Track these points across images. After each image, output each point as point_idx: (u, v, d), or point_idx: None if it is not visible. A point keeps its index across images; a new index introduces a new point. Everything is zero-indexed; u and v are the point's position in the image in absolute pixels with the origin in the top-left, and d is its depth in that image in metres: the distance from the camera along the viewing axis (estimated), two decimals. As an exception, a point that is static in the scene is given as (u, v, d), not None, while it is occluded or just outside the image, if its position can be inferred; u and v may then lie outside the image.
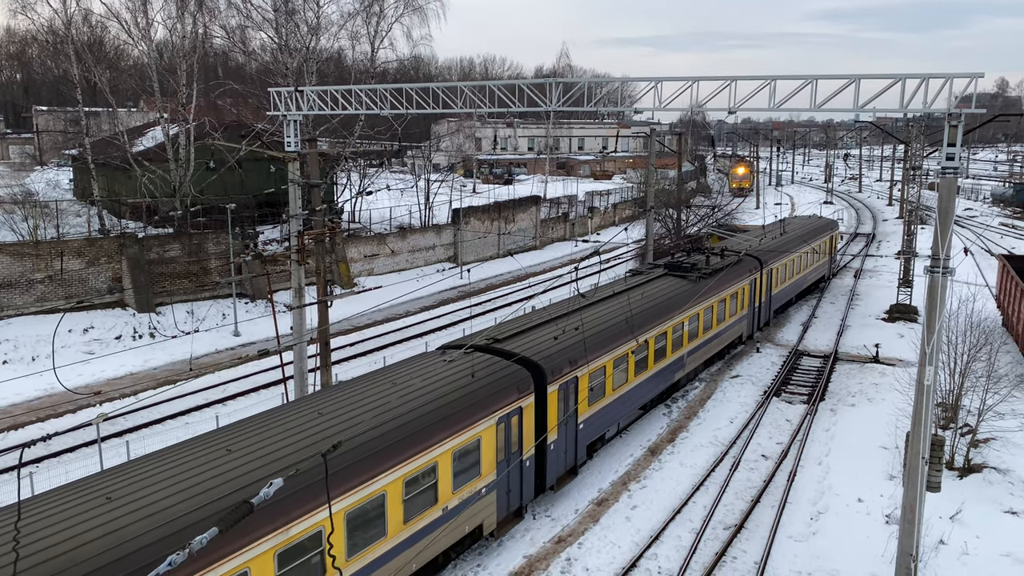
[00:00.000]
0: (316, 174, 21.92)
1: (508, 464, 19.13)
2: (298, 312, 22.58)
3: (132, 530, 11.33)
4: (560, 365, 20.87)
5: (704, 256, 34.78)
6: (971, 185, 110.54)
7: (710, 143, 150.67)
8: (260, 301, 42.54)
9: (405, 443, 15.63)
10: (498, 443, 18.57)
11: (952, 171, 14.63)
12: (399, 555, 15.73)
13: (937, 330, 15.05)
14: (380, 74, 55.04)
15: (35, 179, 60.12)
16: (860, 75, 15.82)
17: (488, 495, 18.55)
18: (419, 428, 16.14)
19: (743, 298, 34.95)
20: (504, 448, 18.85)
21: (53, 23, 47.86)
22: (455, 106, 21.02)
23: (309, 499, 13.33)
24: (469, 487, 17.75)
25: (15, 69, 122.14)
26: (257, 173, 48.07)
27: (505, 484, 19.23)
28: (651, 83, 18.34)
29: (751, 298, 36.05)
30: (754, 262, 36.30)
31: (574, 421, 21.95)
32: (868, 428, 26.31)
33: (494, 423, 18.27)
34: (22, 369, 31.35)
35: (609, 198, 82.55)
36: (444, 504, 16.98)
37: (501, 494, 19.17)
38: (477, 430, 17.70)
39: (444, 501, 16.96)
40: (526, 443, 19.71)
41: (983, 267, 51.42)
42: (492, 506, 18.81)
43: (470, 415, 17.51)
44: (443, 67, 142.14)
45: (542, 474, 20.94)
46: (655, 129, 47.03)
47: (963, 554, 18.57)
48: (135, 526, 11.40)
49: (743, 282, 34.62)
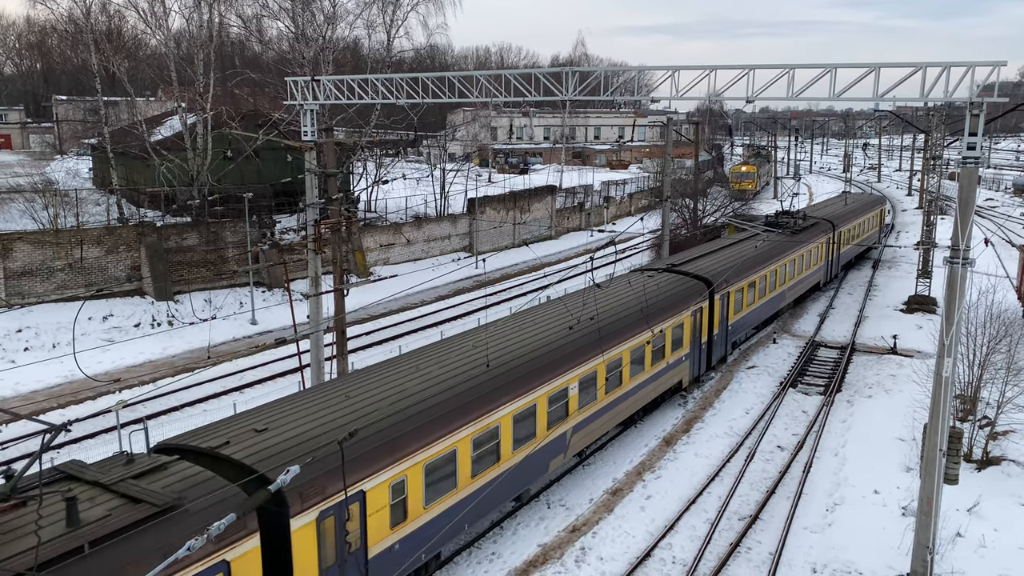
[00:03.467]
0: (333, 163, 21.98)
1: (696, 344, 28.60)
2: (315, 301, 22.72)
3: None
4: (722, 282, 30.06)
5: (793, 219, 43.08)
6: (992, 175, 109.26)
7: (728, 133, 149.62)
8: (277, 290, 42.79)
9: (651, 319, 24.74)
10: (693, 328, 28.05)
11: (973, 161, 14.48)
12: (647, 386, 25.43)
13: (956, 321, 14.93)
14: (396, 63, 55.09)
15: (55, 168, 60.68)
16: (880, 64, 15.65)
17: (686, 361, 28.11)
18: (657, 310, 25.29)
19: (820, 252, 43.05)
20: (694, 332, 28.23)
21: (72, 13, 48.28)
22: (471, 95, 21.00)
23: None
24: (678, 353, 27.29)
25: (35, 59, 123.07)
26: (274, 162, 48.28)
27: (695, 356, 28.70)
28: (668, 72, 18.24)
29: (826, 252, 44.14)
30: (828, 225, 44.65)
31: (725, 323, 31.25)
32: (885, 420, 26.15)
33: (691, 314, 27.77)
34: (43, 356, 31.74)
35: (625, 188, 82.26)
36: (668, 360, 26.52)
37: (692, 362, 28.65)
38: (683, 316, 27.09)
39: (667, 358, 26.45)
40: (703, 332, 29.14)
41: (1004, 258, 50.82)
42: (687, 369, 28.34)
43: (681, 305, 26.98)
44: (459, 56, 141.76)
45: (709, 356, 30.21)
46: (672, 118, 46.68)
47: (980, 547, 18.46)
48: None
49: (820, 239, 42.75)
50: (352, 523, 14.18)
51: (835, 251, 45.72)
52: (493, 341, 20.40)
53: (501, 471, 18.20)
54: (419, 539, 15.88)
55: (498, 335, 21.11)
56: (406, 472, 15.33)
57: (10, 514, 10.69)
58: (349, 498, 13.96)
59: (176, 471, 12.31)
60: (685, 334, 27.47)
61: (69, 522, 10.55)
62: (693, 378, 29.28)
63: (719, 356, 31.54)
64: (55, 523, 10.57)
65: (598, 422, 22.65)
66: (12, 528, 10.35)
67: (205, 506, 11.47)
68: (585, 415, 21.71)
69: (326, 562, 13.68)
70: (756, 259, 34.08)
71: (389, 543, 15.15)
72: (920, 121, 70.74)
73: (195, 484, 11.97)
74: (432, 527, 16.22)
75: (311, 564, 13.34)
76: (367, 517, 14.51)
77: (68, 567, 9.96)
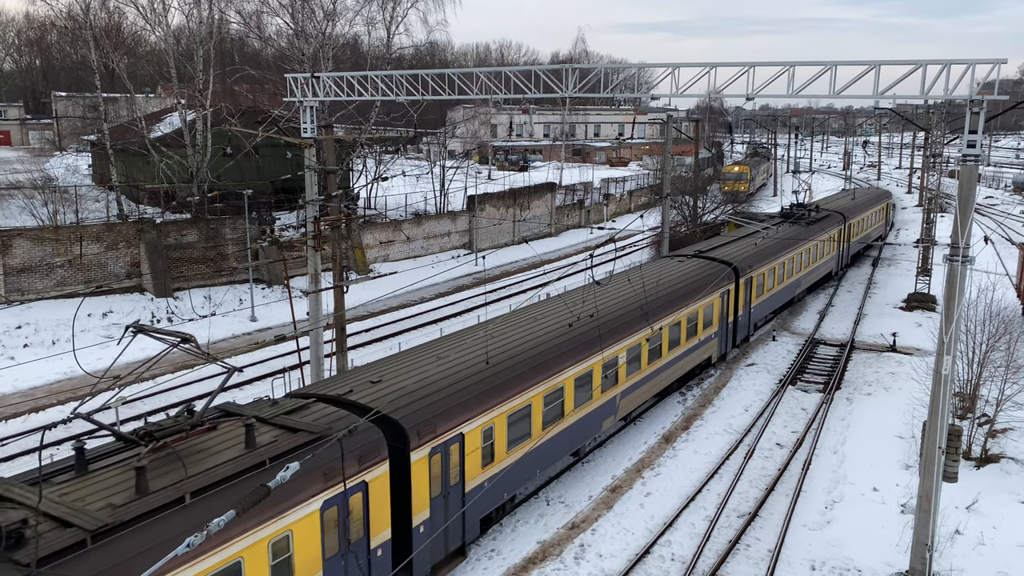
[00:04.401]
0: (332, 160, 21.97)
1: (724, 323, 31.17)
2: (314, 297, 22.72)
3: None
4: (747, 267, 32.74)
5: (807, 211, 44.99)
6: (992, 173, 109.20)
7: (728, 130, 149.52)
8: (277, 286, 42.79)
9: (686, 299, 27.34)
10: (722, 308, 30.83)
11: (973, 158, 14.48)
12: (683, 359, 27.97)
13: (956, 319, 14.94)
14: (396, 60, 54.99)
15: (54, 164, 60.64)
16: (880, 61, 15.64)
17: (715, 339, 30.71)
18: (691, 291, 27.81)
19: (833, 243, 44.87)
20: (723, 312, 30.86)
21: (71, 9, 48.19)
22: (471, 92, 20.99)
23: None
24: (708, 331, 29.89)
25: (35, 55, 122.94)
26: (274, 159, 48.25)
27: (723, 334, 31.39)
28: (668, 69, 18.22)
29: (838, 243, 46.06)
30: (840, 217, 46.76)
31: (748, 305, 33.48)
32: (884, 417, 26.18)
33: (719, 295, 30.19)
34: (43, 353, 31.74)
35: (625, 185, 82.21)
36: (700, 337, 29.01)
37: (720, 340, 31.29)
38: (713, 297, 29.66)
39: (699, 335, 28.99)
40: (730, 313, 31.68)
41: (1003, 256, 50.83)
42: (715, 346, 30.98)
43: (711, 288, 29.18)
44: (459, 53, 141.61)
45: (734, 334, 32.56)
46: (672, 115, 46.75)
47: (979, 544, 18.49)
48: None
49: (833, 231, 44.66)
50: (454, 460, 16.89)
51: (846, 242, 47.83)
52: (559, 313, 23.19)
53: (564, 426, 20.84)
54: (503, 479, 18.59)
55: (562, 309, 23.69)
56: (494, 420, 18.03)
57: (202, 437, 13.46)
58: (451, 439, 16.66)
59: (317, 410, 15.07)
60: (715, 314, 30.22)
61: (247, 444, 13.24)
62: (720, 355, 31.77)
63: (743, 336, 33.87)
64: (236, 445, 13.25)
65: (642, 389, 25.35)
66: (205, 448, 13.11)
67: (349, 434, 13.89)
68: (631, 382, 24.38)
69: (434, 492, 16.38)
70: (775, 247, 36.50)
71: (481, 480, 17.85)
72: (920, 119, 70.77)
73: (336, 419, 14.63)
74: (512, 470, 18.90)
75: (424, 491, 16.09)
76: (465, 456, 17.19)
77: (253, 479, 12.44)
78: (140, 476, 11.67)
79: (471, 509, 17.69)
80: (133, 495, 11.48)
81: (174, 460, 12.48)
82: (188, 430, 13.38)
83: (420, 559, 16.33)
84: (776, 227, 39.85)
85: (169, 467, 12.30)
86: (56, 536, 10.26)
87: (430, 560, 16.76)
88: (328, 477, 13.59)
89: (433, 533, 16.58)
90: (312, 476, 13.28)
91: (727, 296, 31.11)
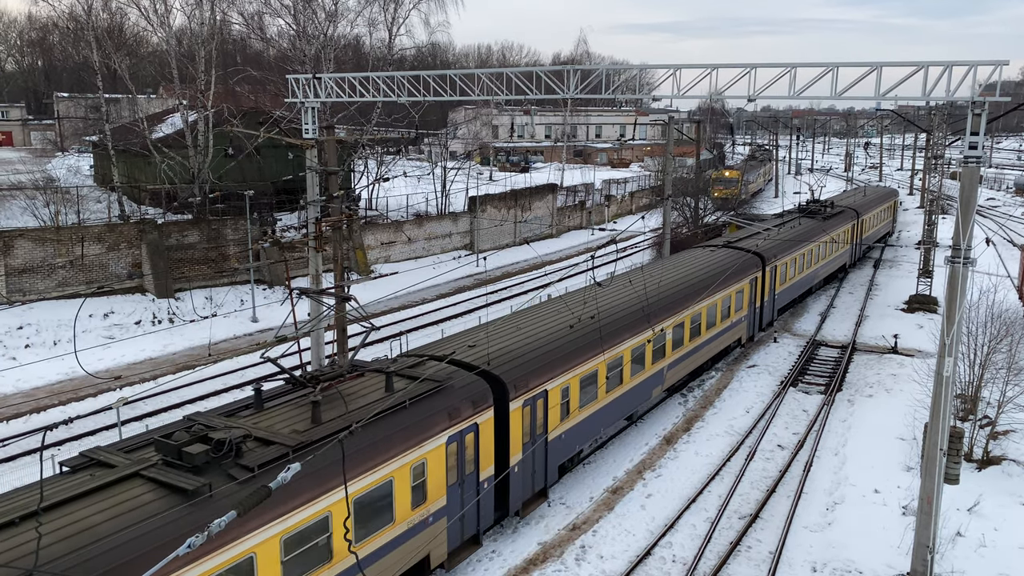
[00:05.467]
0: (334, 161, 21.96)
1: (752, 307, 33.92)
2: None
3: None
4: (772, 257, 35.29)
5: (823, 207, 47.15)
6: (994, 174, 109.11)
7: (729, 131, 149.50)
8: (278, 287, 42.80)
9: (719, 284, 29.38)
10: (751, 294, 33.15)
11: (975, 160, 14.46)
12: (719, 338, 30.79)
13: (957, 321, 14.92)
14: (397, 61, 55.07)
15: (56, 165, 60.69)
16: (882, 63, 15.63)
17: (744, 322, 33.37)
18: (724, 277, 30.00)
19: (847, 236, 47.14)
20: (751, 297, 33.55)
21: (73, 10, 48.28)
22: (472, 93, 20.99)
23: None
24: (739, 315, 32.40)
25: (37, 56, 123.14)
26: (275, 160, 48.27)
27: (751, 318, 34.04)
28: (670, 70, 18.22)
29: (852, 237, 48.35)
30: (853, 212, 48.86)
31: (773, 292, 36.17)
32: (886, 419, 26.14)
33: (748, 282, 32.84)
34: (44, 353, 31.76)
35: (626, 186, 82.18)
36: (732, 319, 31.83)
37: (749, 323, 33.83)
38: (743, 283, 32.29)
39: (731, 317, 31.73)
40: (757, 298, 34.04)
41: (1005, 257, 50.80)
42: (744, 329, 33.69)
43: (742, 275, 32.18)
44: (460, 54, 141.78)
45: (760, 318, 35.31)
46: (673, 117, 46.76)
47: (981, 546, 18.46)
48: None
49: (847, 225, 46.91)
50: (539, 413, 19.55)
51: (859, 236, 50.31)
52: (618, 292, 25.89)
53: (623, 391, 23.61)
54: (575, 433, 21.41)
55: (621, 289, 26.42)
56: (569, 381, 20.66)
57: (353, 382, 16.57)
58: (538, 394, 19.36)
59: (431, 366, 17.83)
60: (744, 298, 32.80)
61: (387, 389, 16.17)
62: (749, 337, 34.39)
63: (768, 320, 36.44)
64: (378, 390, 16.23)
65: (684, 363, 28.08)
66: (356, 391, 16.14)
67: (462, 384, 17.28)
68: (676, 356, 27.17)
69: (526, 438, 19.22)
70: (796, 239, 38.90)
71: (559, 432, 20.65)
72: (922, 120, 70.67)
73: (449, 373, 17.50)
74: (582, 426, 21.69)
75: (519, 437, 18.94)
76: (548, 410, 19.83)
77: (398, 414, 15.40)
78: (315, 409, 14.67)
79: (551, 457, 20.51)
80: (310, 424, 14.37)
81: (336, 398, 15.49)
82: (344, 376, 16.34)
83: (515, 495, 19.20)
84: (797, 221, 42.62)
85: (332, 404, 15.26)
86: (264, 451, 13.16)
87: (522, 497, 19.66)
88: (451, 416, 16.48)
89: (524, 474, 19.44)
90: (440, 415, 16.22)
91: (755, 283, 33.70)
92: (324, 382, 15.74)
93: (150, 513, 11.29)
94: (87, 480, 12.03)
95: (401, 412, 15.49)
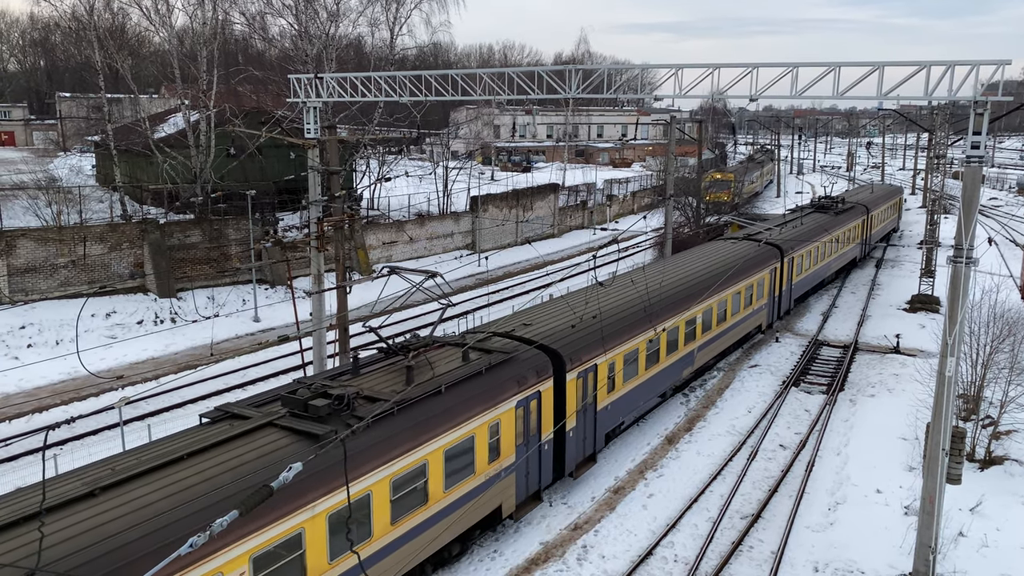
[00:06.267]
0: (335, 161, 21.98)
1: (772, 295, 35.83)
2: (317, 298, 22.73)
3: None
4: (790, 248, 36.80)
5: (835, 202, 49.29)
6: (996, 174, 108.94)
7: (731, 131, 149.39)
8: (280, 287, 42.82)
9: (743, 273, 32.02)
10: (771, 283, 35.22)
11: (977, 160, 14.44)
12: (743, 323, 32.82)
13: (959, 321, 14.91)
14: (399, 61, 55.07)
15: (58, 165, 60.74)
16: (884, 62, 15.61)
17: (764, 309, 35.37)
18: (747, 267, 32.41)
19: (858, 231, 49.17)
20: (771, 286, 35.37)
21: (75, 10, 48.29)
22: (474, 93, 20.99)
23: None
24: (760, 302, 34.67)
25: (39, 56, 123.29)
26: (277, 160, 48.27)
27: (771, 306, 36.07)
28: (671, 70, 18.22)
29: (862, 231, 50.25)
30: (863, 208, 50.77)
31: (791, 282, 37.97)
32: (888, 419, 26.12)
33: (768, 272, 34.83)
34: (46, 353, 31.81)
35: (628, 186, 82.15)
36: (754, 306, 33.92)
37: (769, 310, 35.88)
38: (764, 272, 34.37)
39: (754, 304, 33.78)
40: (776, 287, 36.07)
41: (1007, 257, 50.73)
42: (765, 315, 35.68)
43: (763, 265, 34.30)
44: (462, 54, 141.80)
45: (779, 306, 37.11)
46: (675, 116, 46.76)
47: (983, 546, 18.44)
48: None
49: (857, 220, 48.82)
50: (590, 385, 21.51)
51: (869, 231, 52.50)
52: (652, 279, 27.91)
53: (659, 369, 25.74)
54: (619, 404, 23.52)
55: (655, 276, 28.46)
56: (614, 357, 22.72)
57: (436, 352, 18.80)
58: (589, 368, 21.39)
59: (498, 341, 20.12)
60: (765, 287, 34.83)
61: (463, 358, 18.35)
62: (768, 323, 36.39)
63: (785, 309, 38.23)
64: (456, 359, 18.41)
65: (712, 346, 30.14)
66: (438, 360, 18.32)
67: (527, 356, 19.33)
68: (705, 339, 29.20)
69: (579, 407, 21.25)
70: (812, 232, 40.97)
71: (607, 403, 22.75)
72: (924, 120, 70.55)
73: (514, 347, 19.56)
74: (625, 398, 23.77)
75: (574, 405, 20.94)
76: (597, 383, 21.85)
77: (468, 381, 17.47)
78: (409, 372, 16.82)
79: (600, 425, 22.63)
80: (405, 386, 16.42)
81: (424, 365, 17.71)
82: (429, 346, 18.60)
83: (570, 457, 21.31)
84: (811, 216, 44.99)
85: (420, 370, 17.38)
86: (371, 406, 15.22)
87: (575, 459, 21.68)
88: (519, 384, 18.60)
89: (577, 439, 21.60)
90: (510, 382, 18.37)
91: (775, 273, 35.64)
92: (413, 351, 17.78)
93: (288, 454, 13.39)
94: (227, 429, 14.16)
95: (479, 377, 17.69)
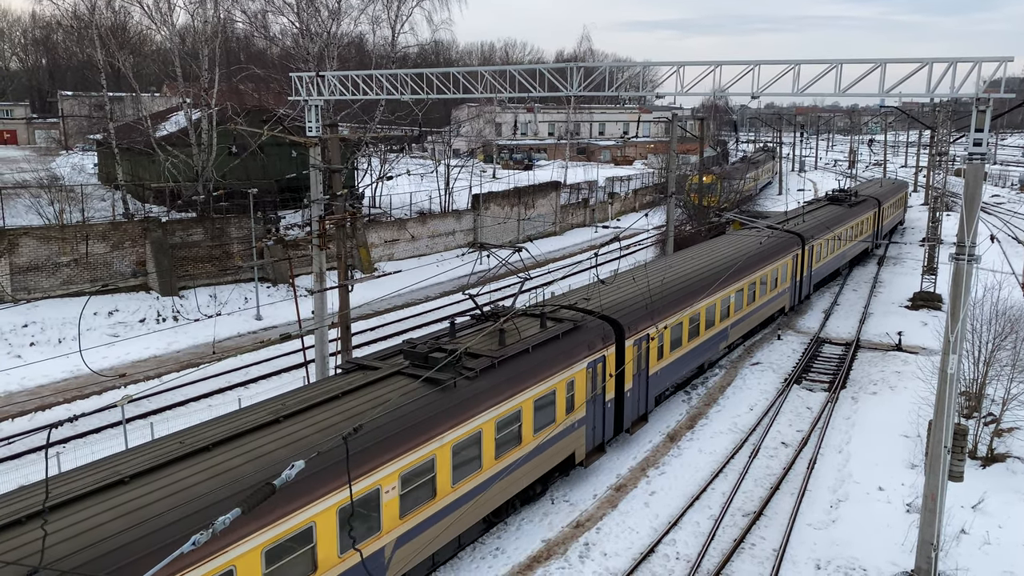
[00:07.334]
0: (337, 159, 21.98)
1: (794, 280, 38.02)
2: (319, 296, 22.74)
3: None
4: (810, 237, 39.38)
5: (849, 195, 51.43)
6: (999, 171, 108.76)
7: (733, 128, 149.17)
8: (282, 285, 42.85)
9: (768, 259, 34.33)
10: (793, 269, 37.43)
11: (979, 157, 14.42)
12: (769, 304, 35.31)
13: (961, 318, 14.89)
14: (401, 59, 55.04)
15: (60, 163, 60.74)
16: (886, 59, 15.59)
17: (787, 293, 37.50)
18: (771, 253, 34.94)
19: (870, 222, 51.42)
20: (793, 272, 37.48)
21: (77, 8, 48.31)
22: (475, 91, 20.98)
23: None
24: (783, 286, 36.70)
25: (41, 55, 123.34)
26: (279, 158, 48.29)
27: (792, 290, 38.25)
28: (673, 67, 18.19)
29: (873, 223, 52.47)
30: (875, 201, 53.09)
31: (810, 269, 40.27)
32: (890, 416, 26.10)
33: (791, 258, 36.94)
34: (49, 351, 31.86)
35: (630, 184, 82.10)
36: (778, 289, 36.22)
37: (791, 294, 37.81)
38: (787, 259, 36.53)
39: (778, 288, 36.14)
40: (797, 272, 38.21)
41: (1010, 255, 50.68)
42: (787, 299, 37.80)
43: (785, 251, 36.49)
44: (464, 52, 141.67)
45: (800, 290, 39.27)
46: (677, 114, 46.81)
47: (985, 544, 18.44)
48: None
49: (869, 212, 51.17)
50: (643, 351, 24.20)
51: (880, 222, 54.40)
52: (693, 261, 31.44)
53: (699, 342, 28.54)
54: (667, 371, 26.27)
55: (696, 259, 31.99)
56: (661, 330, 25.21)
57: (517, 320, 21.25)
58: (643, 336, 24.01)
59: (565, 312, 22.77)
60: (788, 272, 37.03)
61: (541, 326, 21.02)
62: (791, 306, 38.67)
63: (805, 294, 40.34)
64: (534, 326, 21.05)
65: (743, 324, 32.70)
66: (520, 326, 20.79)
67: (593, 325, 21.91)
68: (737, 317, 31.85)
69: (635, 370, 23.92)
70: (829, 223, 43.16)
71: (657, 369, 25.46)
72: (926, 117, 70.43)
73: (580, 317, 22.09)
74: (671, 366, 26.54)
75: (631, 369, 23.60)
76: (649, 350, 24.57)
77: (549, 343, 20.04)
78: (501, 335, 19.62)
79: (651, 388, 25.37)
80: (499, 346, 19.16)
81: (512, 329, 20.29)
82: (512, 315, 21.04)
83: (628, 415, 24.01)
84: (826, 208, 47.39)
85: (509, 333, 20.02)
86: (476, 361, 18.01)
87: (631, 417, 24.44)
88: (589, 348, 21.14)
89: (634, 399, 24.22)
90: (581, 346, 20.88)
91: (796, 259, 37.89)
92: (502, 318, 20.42)
93: (418, 395, 16.14)
94: (361, 377, 17.04)
95: (557, 341, 20.23)
